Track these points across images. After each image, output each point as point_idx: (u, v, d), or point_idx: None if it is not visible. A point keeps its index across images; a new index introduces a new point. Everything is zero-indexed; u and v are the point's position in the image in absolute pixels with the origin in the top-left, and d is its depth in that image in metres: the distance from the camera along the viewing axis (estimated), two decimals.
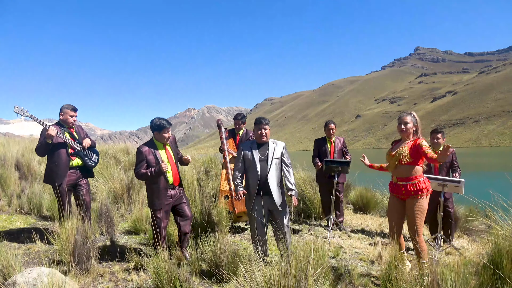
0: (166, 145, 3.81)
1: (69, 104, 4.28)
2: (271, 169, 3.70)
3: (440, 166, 4.82)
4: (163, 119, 3.72)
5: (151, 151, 3.67)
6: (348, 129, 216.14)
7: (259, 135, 3.75)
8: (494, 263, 3.17)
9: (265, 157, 3.73)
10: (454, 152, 4.81)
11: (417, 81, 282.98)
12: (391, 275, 3.01)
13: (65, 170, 4.14)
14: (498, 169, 29.65)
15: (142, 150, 3.65)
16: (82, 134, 4.44)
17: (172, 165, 3.76)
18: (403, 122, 3.48)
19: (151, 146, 3.72)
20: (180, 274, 3.18)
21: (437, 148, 4.78)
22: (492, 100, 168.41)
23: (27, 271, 2.91)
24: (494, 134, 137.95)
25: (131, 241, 4.55)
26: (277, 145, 3.81)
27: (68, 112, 4.24)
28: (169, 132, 3.74)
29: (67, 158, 4.16)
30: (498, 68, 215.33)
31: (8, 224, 5.01)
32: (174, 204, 3.81)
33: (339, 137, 5.70)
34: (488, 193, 4.14)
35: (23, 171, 7.16)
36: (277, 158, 3.75)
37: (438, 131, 4.84)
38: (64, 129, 4.22)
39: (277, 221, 3.70)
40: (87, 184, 4.41)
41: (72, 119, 4.27)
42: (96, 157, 4.47)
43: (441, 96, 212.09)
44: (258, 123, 3.76)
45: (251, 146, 3.80)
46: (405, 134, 3.47)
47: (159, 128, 3.67)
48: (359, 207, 7.24)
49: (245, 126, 5.63)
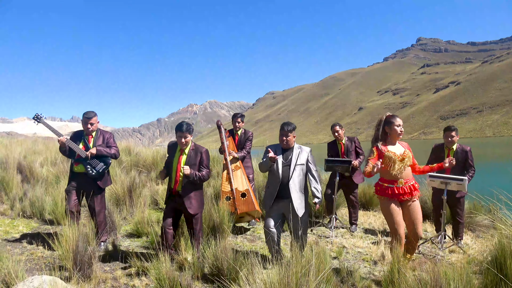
0: (182, 152, 3.76)
1: (85, 112, 4.38)
2: (294, 175, 3.69)
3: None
4: (186, 123, 3.71)
5: (171, 152, 3.84)
6: (351, 121, 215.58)
7: (281, 141, 3.79)
8: (498, 263, 3.14)
9: (288, 162, 3.73)
10: (470, 150, 4.74)
11: (419, 72, 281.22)
12: (393, 278, 2.99)
13: (70, 175, 4.41)
14: (503, 160, 29.53)
15: (169, 146, 3.94)
16: (102, 141, 4.43)
17: (177, 173, 3.73)
18: (401, 125, 3.47)
19: (174, 147, 3.86)
20: (181, 279, 3.18)
21: (450, 146, 4.73)
22: (496, 89, 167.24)
23: (28, 280, 2.92)
24: (498, 124, 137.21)
25: (133, 245, 4.55)
26: (302, 150, 3.79)
27: (83, 121, 4.36)
28: (183, 137, 3.65)
29: (72, 164, 4.36)
30: (502, 57, 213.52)
31: (11, 229, 5.03)
32: (180, 209, 3.81)
33: (351, 137, 5.60)
34: (493, 186, 4.10)
35: (25, 174, 7.16)
36: (301, 164, 3.74)
37: (452, 128, 4.76)
38: (82, 137, 4.36)
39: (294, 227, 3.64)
40: (96, 192, 4.35)
41: (87, 126, 4.32)
42: (103, 166, 4.36)
43: (444, 86, 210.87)
44: (281, 129, 3.79)
45: (275, 150, 3.81)
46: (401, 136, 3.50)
47: (176, 129, 3.70)
48: (361, 203, 7.19)
49: (243, 126, 5.59)
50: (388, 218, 3.51)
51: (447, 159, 3.92)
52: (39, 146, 12.39)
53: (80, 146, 4.27)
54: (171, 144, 3.91)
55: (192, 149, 3.78)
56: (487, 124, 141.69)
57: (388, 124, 3.50)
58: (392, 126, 3.47)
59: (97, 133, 4.43)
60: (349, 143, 5.50)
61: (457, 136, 4.74)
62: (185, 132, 3.64)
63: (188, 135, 3.67)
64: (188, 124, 3.71)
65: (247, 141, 5.46)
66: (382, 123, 3.52)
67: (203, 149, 3.83)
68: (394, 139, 3.50)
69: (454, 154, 4.72)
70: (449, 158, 3.93)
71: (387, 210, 3.51)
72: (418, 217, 3.44)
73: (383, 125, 3.52)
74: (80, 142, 4.31)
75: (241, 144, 5.48)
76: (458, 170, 4.67)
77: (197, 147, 3.83)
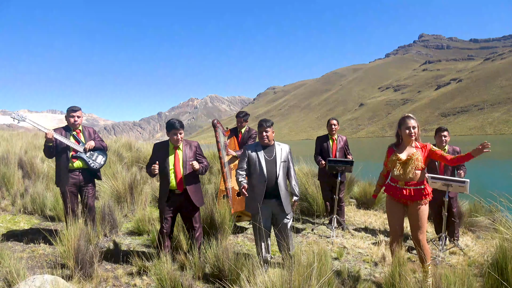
0: (177, 149, 3.75)
1: (71, 106, 4.30)
2: (280, 172, 3.61)
3: (445, 165, 4.74)
4: (177, 120, 3.70)
5: (163, 152, 3.74)
6: (352, 117, 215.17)
7: (261, 138, 3.65)
8: (499, 267, 3.14)
9: (273, 159, 3.63)
10: (460, 151, 4.74)
11: (421, 68, 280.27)
12: (394, 281, 2.99)
13: (65, 173, 4.20)
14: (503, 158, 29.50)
15: (156, 146, 3.82)
16: (89, 136, 4.40)
17: (177, 172, 3.70)
18: (411, 127, 3.35)
19: (164, 145, 3.78)
20: (183, 279, 3.19)
21: (442, 147, 4.71)
22: (497, 87, 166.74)
23: (30, 279, 2.92)
24: (499, 122, 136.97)
25: (134, 243, 4.56)
26: (282, 147, 3.74)
27: (69, 114, 4.25)
28: (178, 133, 3.65)
29: (67, 161, 4.20)
30: (504, 54, 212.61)
31: (12, 225, 5.04)
32: (181, 210, 3.79)
33: (342, 135, 5.63)
34: (493, 186, 4.10)
35: (26, 170, 7.17)
36: (284, 161, 3.68)
37: (444, 129, 4.76)
38: (70, 132, 4.27)
39: (280, 225, 3.64)
40: (92, 187, 4.38)
41: (73, 119, 4.24)
42: (103, 158, 4.40)
43: (446, 83, 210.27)
44: (260, 126, 3.66)
45: (255, 147, 3.69)
46: (412, 138, 3.38)
47: (169, 127, 3.67)
48: (362, 202, 7.21)
49: (247, 124, 5.59)
50: (388, 216, 3.62)
51: (484, 143, 3.21)
52: (40, 140, 12.40)
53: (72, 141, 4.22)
54: (159, 145, 3.83)
55: (185, 144, 3.81)
56: (488, 122, 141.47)
57: (400, 126, 3.45)
58: (403, 129, 3.40)
59: (83, 128, 4.41)
60: (340, 140, 5.52)
61: (449, 136, 4.74)
62: (180, 129, 3.68)
63: (182, 131, 3.72)
64: (179, 120, 3.71)
65: (250, 139, 5.43)
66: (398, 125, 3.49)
67: (194, 142, 3.91)
68: (406, 142, 3.44)
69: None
70: (485, 142, 3.26)
71: (387, 210, 3.62)
72: (419, 224, 3.37)
73: (398, 127, 3.48)
74: (69, 138, 4.23)
75: (245, 142, 5.46)
76: (450, 171, 4.78)
77: (188, 141, 3.87)
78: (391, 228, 3.56)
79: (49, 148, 4.14)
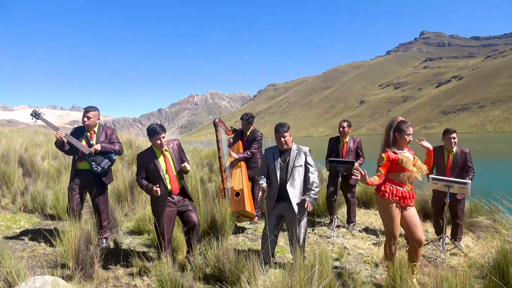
0: (165, 152, 3.69)
1: (86, 106, 4.33)
2: (291, 177, 3.65)
3: (452, 167, 4.70)
4: (157, 124, 3.59)
5: (150, 159, 3.60)
6: (352, 115, 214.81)
7: (280, 144, 3.70)
8: (500, 270, 3.13)
9: (285, 165, 3.68)
10: (469, 152, 4.72)
11: (422, 66, 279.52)
12: (395, 284, 2.99)
13: (73, 172, 4.30)
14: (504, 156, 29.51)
15: (141, 156, 3.65)
16: (105, 137, 4.37)
17: (170, 174, 3.66)
18: (411, 134, 3.42)
19: (150, 153, 3.63)
20: (183, 281, 3.19)
21: (451, 148, 4.71)
22: (498, 85, 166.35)
23: (31, 280, 2.92)
24: (499, 120, 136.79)
25: (135, 242, 4.55)
26: (300, 151, 3.71)
27: (83, 115, 4.30)
28: (161, 138, 3.54)
29: (75, 160, 4.28)
30: (505, 52, 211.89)
31: (13, 224, 5.04)
32: (180, 211, 3.76)
33: (355, 137, 5.57)
34: (493, 185, 4.10)
35: (26, 168, 7.16)
36: (299, 166, 3.67)
37: (452, 131, 4.73)
38: (84, 132, 4.30)
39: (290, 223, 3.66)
40: (99, 189, 4.30)
41: (83, 119, 4.27)
42: (108, 162, 4.31)
43: (446, 81, 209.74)
44: (277, 131, 3.69)
45: (273, 152, 3.76)
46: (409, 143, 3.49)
47: (151, 133, 3.53)
48: (362, 201, 7.20)
49: (252, 125, 5.53)
50: (389, 220, 3.47)
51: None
52: (40, 137, 12.39)
53: (83, 143, 4.23)
54: (143, 154, 3.67)
55: (170, 146, 3.74)
56: (488, 120, 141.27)
57: (399, 131, 3.43)
58: (403, 135, 3.41)
59: (100, 129, 4.37)
60: (352, 142, 5.47)
61: (457, 138, 4.72)
62: (162, 132, 3.55)
63: (165, 134, 3.61)
64: (159, 124, 3.60)
65: (254, 142, 5.36)
66: (393, 129, 3.46)
67: (176, 141, 3.84)
68: (402, 146, 3.46)
69: (453, 156, 4.71)
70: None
71: (388, 213, 3.47)
72: (418, 222, 3.45)
73: (393, 130, 3.46)
74: (83, 139, 4.25)
75: (249, 144, 5.42)
76: (458, 172, 4.71)
77: (169, 141, 3.76)
78: (395, 232, 3.47)
79: (58, 147, 4.23)
